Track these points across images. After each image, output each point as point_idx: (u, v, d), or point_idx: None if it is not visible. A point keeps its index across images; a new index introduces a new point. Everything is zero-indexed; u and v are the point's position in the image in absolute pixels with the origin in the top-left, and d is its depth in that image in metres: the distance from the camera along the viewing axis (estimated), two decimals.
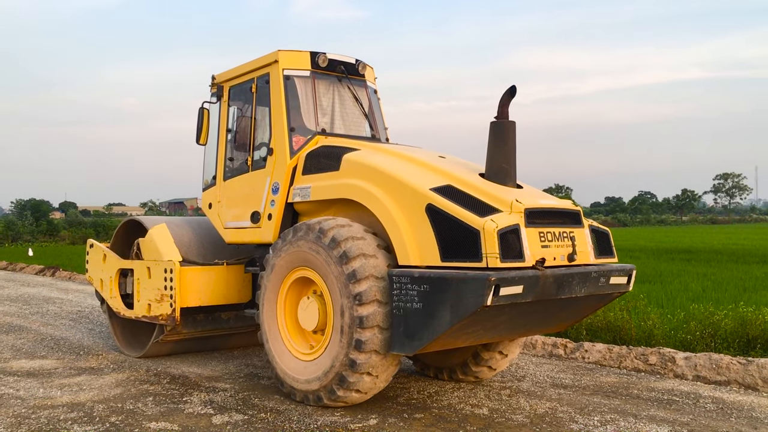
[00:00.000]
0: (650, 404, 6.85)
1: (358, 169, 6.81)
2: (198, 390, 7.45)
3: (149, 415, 6.48)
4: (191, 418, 6.41)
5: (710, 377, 7.75)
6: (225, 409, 6.70)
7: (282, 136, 7.53)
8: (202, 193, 8.70)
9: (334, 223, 6.46)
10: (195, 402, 6.96)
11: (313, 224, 6.53)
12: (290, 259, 6.75)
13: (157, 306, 8.18)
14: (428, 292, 5.78)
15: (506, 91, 6.46)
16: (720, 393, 7.29)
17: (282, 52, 7.72)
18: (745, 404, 6.86)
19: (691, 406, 6.80)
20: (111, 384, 7.74)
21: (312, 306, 6.64)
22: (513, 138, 6.43)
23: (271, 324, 7.03)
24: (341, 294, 6.19)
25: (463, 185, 6.27)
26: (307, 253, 6.54)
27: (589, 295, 6.28)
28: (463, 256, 5.76)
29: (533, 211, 6.00)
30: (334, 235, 6.31)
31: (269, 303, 7.04)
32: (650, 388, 7.51)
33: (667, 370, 8.12)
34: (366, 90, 8.36)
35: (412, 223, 6.17)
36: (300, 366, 6.75)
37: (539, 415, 6.47)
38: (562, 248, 6.11)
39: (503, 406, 6.79)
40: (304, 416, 6.42)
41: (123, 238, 9.60)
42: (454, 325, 5.64)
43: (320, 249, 6.39)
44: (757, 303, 10.56)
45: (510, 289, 5.53)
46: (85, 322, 12.42)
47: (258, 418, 6.40)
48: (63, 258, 28.85)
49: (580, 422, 6.24)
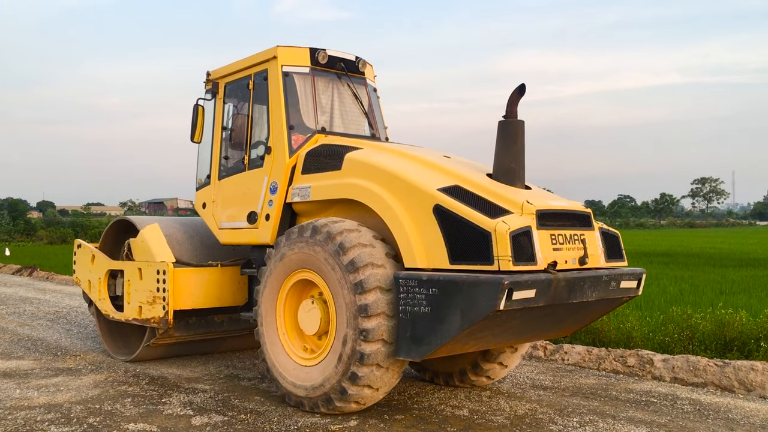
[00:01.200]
0: (628, 405, 6.89)
1: (362, 168, 6.61)
2: (177, 391, 7.37)
3: (128, 417, 6.40)
4: (170, 419, 6.35)
5: (688, 379, 7.81)
6: (204, 410, 6.64)
7: (281, 135, 7.31)
8: (196, 193, 8.45)
9: (342, 227, 6.21)
10: (174, 403, 6.88)
11: (320, 226, 6.29)
12: (292, 260, 6.53)
13: (148, 308, 7.93)
14: (437, 296, 5.59)
15: (515, 90, 6.29)
16: (697, 395, 7.36)
17: (281, 48, 7.51)
18: (722, 406, 6.92)
19: (668, 407, 6.84)
20: (89, 385, 7.64)
21: (314, 310, 6.43)
22: (522, 137, 6.27)
23: (270, 327, 6.81)
24: (346, 302, 5.97)
25: (471, 186, 6.09)
26: (312, 256, 6.31)
27: (599, 300, 6.13)
28: (473, 259, 5.59)
29: (545, 212, 5.84)
30: (342, 241, 6.07)
31: (268, 305, 6.82)
32: (629, 389, 7.55)
33: (645, 372, 8.17)
34: (366, 88, 8.17)
35: (419, 224, 5.98)
36: (299, 371, 6.53)
37: (519, 417, 6.48)
38: (573, 251, 5.95)
39: (483, 408, 6.79)
40: (284, 417, 6.37)
41: (113, 239, 9.32)
42: (464, 330, 5.46)
43: (327, 254, 6.14)
44: (734, 306, 10.69)
45: (522, 293, 5.36)
46: (62, 323, 12.26)
47: (238, 419, 6.35)
48: (40, 258, 28.49)
49: (559, 423, 6.26)
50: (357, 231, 6.20)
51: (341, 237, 6.09)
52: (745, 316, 9.15)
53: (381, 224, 6.39)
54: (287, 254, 6.56)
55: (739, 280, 17.11)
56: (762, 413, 6.66)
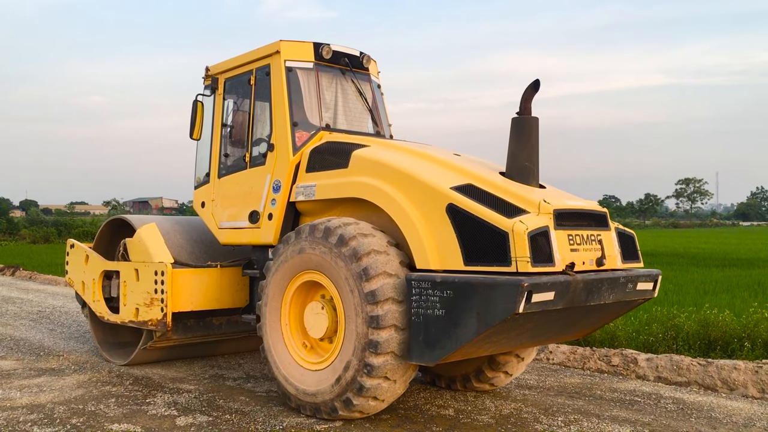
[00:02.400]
0: (613, 405, 6.90)
1: (370, 166, 6.41)
2: (162, 391, 7.31)
3: (111, 417, 6.33)
4: (154, 419, 6.29)
5: (671, 378, 7.84)
6: (189, 410, 6.58)
7: (284, 132, 7.10)
8: (194, 192, 8.22)
9: (356, 231, 5.96)
10: (158, 403, 6.83)
11: (333, 228, 6.04)
12: (300, 261, 6.30)
13: (146, 310, 7.68)
14: (452, 299, 5.40)
15: (529, 86, 6.11)
16: (680, 394, 7.38)
17: (284, 42, 7.29)
18: (705, 405, 6.93)
19: (652, 406, 6.86)
20: (72, 385, 7.55)
21: (322, 313, 6.21)
22: (536, 135, 6.09)
23: (274, 331, 6.59)
24: (356, 311, 5.76)
25: (485, 184, 5.90)
26: (322, 258, 6.07)
27: (615, 302, 5.97)
28: (489, 260, 5.40)
29: (562, 212, 5.66)
30: (356, 246, 5.82)
31: (272, 308, 6.60)
32: (613, 388, 7.58)
33: (629, 371, 8.20)
34: (370, 84, 7.97)
35: (431, 224, 5.79)
36: (303, 375, 6.32)
37: (504, 416, 6.47)
38: (591, 252, 5.78)
39: (469, 407, 6.76)
40: (269, 417, 6.33)
41: (107, 238, 9.06)
42: (480, 334, 5.27)
43: (339, 258, 5.90)
44: (718, 305, 10.78)
45: (542, 296, 5.18)
46: (45, 323, 12.15)
47: (223, 419, 6.29)
48: (23, 257, 28.28)
49: (544, 422, 6.26)
50: (371, 236, 5.97)
51: (355, 242, 5.86)
52: (729, 315, 9.22)
53: (389, 224, 6.20)
54: (295, 255, 6.34)
55: (722, 279, 17.17)
56: (744, 412, 6.69)
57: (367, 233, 5.99)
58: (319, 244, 6.12)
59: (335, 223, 6.11)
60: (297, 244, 6.33)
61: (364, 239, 5.90)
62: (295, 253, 6.33)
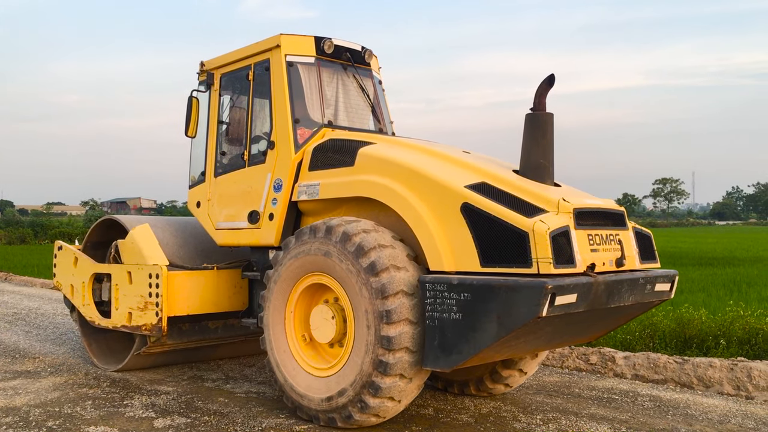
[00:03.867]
0: (591, 403, 6.93)
1: (378, 164, 6.16)
2: (139, 393, 7.23)
3: (88, 420, 6.25)
4: (132, 421, 6.21)
5: (648, 376, 7.91)
6: (167, 412, 6.51)
7: (285, 129, 6.83)
8: (189, 191, 7.92)
9: (360, 227, 5.73)
10: (136, 405, 6.75)
11: (335, 226, 5.80)
12: (304, 263, 6.04)
13: (139, 315, 7.38)
14: (470, 302, 5.17)
15: (544, 81, 5.90)
16: (657, 391, 7.44)
17: (284, 36, 7.03)
18: (681, 402, 7.01)
19: (629, 404, 6.91)
20: (48, 388, 7.44)
21: (329, 316, 5.95)
22: (551, 131, 5.88)
23: (278, 334, 6.32)
24: (366, 308, 5.53)
25: (500, 182, 5.68)
26: (327, 258, 5.82)
27: (633, 304, 5.78)
28: (507, 261, 5.17)
29: (582, 211, 5.45)
30: (361, 242, 5.58)
31: (276, 311, 6.32)
32: (591, 387, 7.61)
33: (607, 370, 8.25)
34: (371, 80, 7.72)
35: (445, 224, 5.56)
36: (311, 381, 6.06)
37: (483, 415, 6.47)
38: (610, 252, 5.58)
39: (448, 406, 6.76)
40: (248, 418, 6.28)
41: (97, 240, 8.72)
42: (500, 339, 5.05)
43: (344, 256, 5.67)
44: (694, 304, 10.88)
45: (565, 298, 4.96)
46: (21, 324, 11.99)
47: (201, 421, 6.22)
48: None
49: (523, 421, 6.28)
50: (375, 231, 5.75)
51: (359, 238, 5.63)
52: (705, 314, 9.32)
53: (397, 223, 5.97)
54: (298, 256, 6.07)
55: (699, 278, 17.25)
56: (719, 409, 6.75)
57: (371, 229, 5.77)
58: (322, 244, 5.87)
59: (336, 222, 5.88)
60: (299, 246, 6.07)
61: (369, 235, 5.67)
62: (299, 255, 6.07)
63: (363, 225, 5.79)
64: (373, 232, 5.71)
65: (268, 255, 7.04)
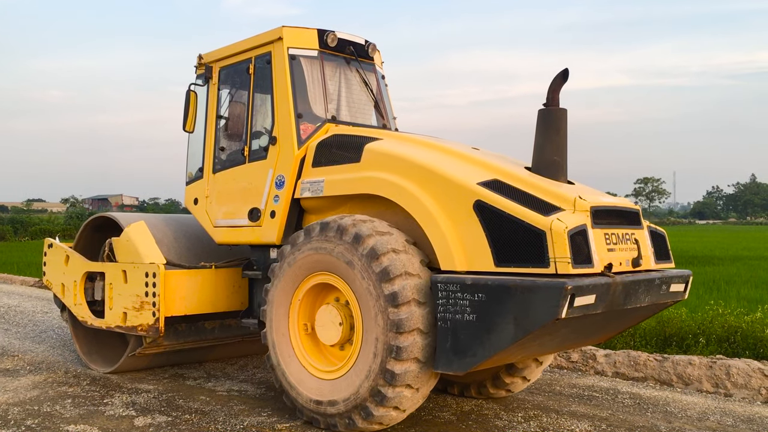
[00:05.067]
0: (572, 400, 6.99)
1: (385, 160, 5.98)
2: (120, 391, 7.18)
3: (67, 418, 6.20)
4: (112, 420, 6.17)
5: (628, 374, 7.98)
6: (148, 410, 6.48)
7: (288, 124, 6.64)
8: (186, 188, 7.70)
9: (373, 229, 5.53)
10: (116, 404, 6.70)
11: (348, 226, 5.59)
12: (311, 262, 5.84)
13: (135, 315, 7.15)
14: (484, 303, 5.01)
15: (558, 75, 5.75)
16: (637, 389, 7.52)
17: (286, 28, 6.83)
18: (661, 399, 7.08)
19: (610, 401, 6.97)
20: (27, 386, 7.37)
21: (335, 317, 5.77)
22: (565, 127, 5.73)
23: (281, 335, 6.12)
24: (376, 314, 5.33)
25: (512, 179, 5.52)
26: (336, 259, 5.62)
27: (649, 305, 5.65)
28: (523, 261, 5.02)
29: (599, 209, 5.31)
30: (374, 245, 5.38)
31: (279, 311, 6.13)
32: (572, 384, 7.68)
33: (588, 367, 8.29)
34: (375, 75, 7.54)
35: (457, 222, 5.39)
36: (315, 384, 5.87)
37: (465, 412, 6.49)
38: (626, 252, 5.44)
39: (430, 404, 6.74)
40: (230, 417, 6.26)
41: (90, 237, 8.46)
42: (517, 341, 4.89)
43: (355, 258, 5.46)
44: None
45: (583, 299, 4.82)
46: (0, 322, 11.70)
47: (182, 419, 6.19)
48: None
49: (504, 418, 6.31)
50: (389, 234, 5.55)
51: (372, 240, 5.43)
52: (685, 312, 9.42)
53: (405, 222, 5.81)
54: (305, 255, 5.88)
55: None
56: (698, 406, 6.83)
57: (384, 231, 5.58)
58: (332, 243, 5.68)
59: (348, 221, 5.67)
60: (307, 244, 5.87)
61: (382, 237, 5.48)
62: (306, 254, 5.88)
63: (376, 226, 5.59)
64: (386, 234, 5.52)
65: (269, 253, 6.85)
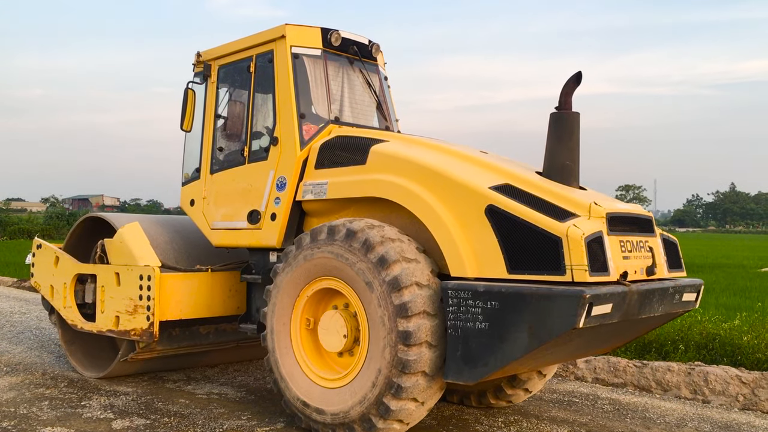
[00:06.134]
0: (552, 405, 7.03)
1: (392, 163, 5.82)
2: (98, 394, 7.10)
3: (44, 420, 6.12)
4: (89, 423, 6.10)
5: (608, 379, 8.03)
6: (126, 413, 6.41)
7: (290, 124, 6.46)
8: (182, 188, 7.50)
9: (383, 235, 5.35)
10: (94, 406, 6.62)
11: (357, 231, 5.41)
12: (316, 266, 5.66)
13: (128, 319, 6.93)
14: (497, 311, 4.86)
15: (571, 78, 5.62)
16: (617, 395, 7.57)
17: (290, 26, 6.66)
18: (640, 405, 7.13)
19: (589, 407, 7.01)
20: (3, 387, 7.26)
21: (339, 324, 5.59)
22: (578, 132, 5.60)
23: (282, 341, 5.93)
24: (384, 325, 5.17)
25: (524, 184, 5.37)
26: (342, 264, 5.44)
27: (662, 314, 5.52)
28: (538, 268, 4.87)
29: (614, 216, 5.18)
30: (384, 252, 5.21)
31: (280, 317, 5.94)
32: (552, 389, 7.71)
33: (568, 373, 8.33)
34: (378, 75, 7.38)
35: (467, 227, 5.24)
36: (318, 393, 5.69)
37: (446, 417, 6.49)
38: (641, 260, 5.31)
39: None
40: (209, 420, 6.21)
41: (81, 238, 8.22)
42: (532, 351, 4.74)
43: (364, 265, 5.29)
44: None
45: (600, 308, 4.69)
46: None
47: (161, 422, 6.13)
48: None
49: (485, 423, 6.32)
50: (399, 241, 5.37)
51: (383, 248, 5.25)
52: None
53: (411, 226, 5.67)
54: (309, 260, 5.69)
55: None
56: (677, 412, 6.88)
57: (394, 238, 5.41)
58: (339, 248, 5.50)
59: (358, 226, 5.49)
60: (313, 248, 5.69)
61: (392, 244, 5.31)
62: (310, 258, 5.70)
63: (386, 232, 5.41)
64: (397, 241, 5.35)
65: (268, 257, 6.67)
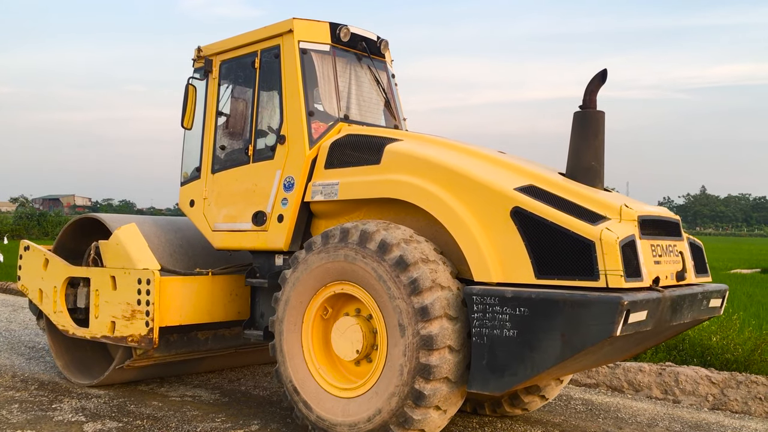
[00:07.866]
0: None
1: (409, 163, 5.58)
2: (69, 396, 6.99)
3: (14, 424, 6.02)
4: (60, 426, 6.02)
5: (581, 380, 8.08)
6: (98, 416, 6.32)
7: (298, 122, 6.20)
8: (181, 188, 7.20)
9: (400, 236, 5.13)
10: (65, 409, 6.52)
11: (372, 232, 5.18)
12: (329, 270, 5.40)
13: (125, 324, 6.61)
14: (527, 318, 4.64)
15: (596, 76, 5.42)
16: (589, 395, 7.63)
17: (297, 20, 6.40)
18: (612, 405, 7.20)
19: (562, 407, 7.05)
20: None
21: (356, 331, 5.33)
22: (602, 131, 5.41)
23: (293, 349, 5.66)
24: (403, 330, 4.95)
25: (549, 185, 5.15)
26: (358, 267, 5.20)
27: (689, 321, 5.34)
28: (568, 273, 4.66)
29: (646, 219, 4.98)
30: (402, 254, 4.98)
31: (291, 323, 5.67)
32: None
33: None
34: (386, 72, 7.14)
35: (491, 230, 5.01)
36: (332, 403, 5.42)
37: None
38: (671, 264, 5.12)
39: None
40: (183, 422, 6.14)
41: (73, 240, 7.87)
42: (565, 359, 4.53)
43: (381, 268, 5.06)
44: None
45: (636, 316, 4.49)
46: None
47: (134, 425, 6.07)
48: None
49: (459, 424, 6.30)
50: (417, 242, 5.14)
51: (400, 249, 5.02)
52: None
53: (427, 228, 5.45)
54: (322, 263, 5.43)
55: None
56: (648, 412, 6.97)
57: (412, 239, 5.17)
58: (353, 250, 5.25)
59: (373, 227, 5.25)
60: (325, 251, 5.43)
61: (410, 245, 5.07)
62: (323, 262, 5.44)
63: (402, 234, 5.19)
64: (414, 242, 5.12)
65: (274, 260, 6.40)
